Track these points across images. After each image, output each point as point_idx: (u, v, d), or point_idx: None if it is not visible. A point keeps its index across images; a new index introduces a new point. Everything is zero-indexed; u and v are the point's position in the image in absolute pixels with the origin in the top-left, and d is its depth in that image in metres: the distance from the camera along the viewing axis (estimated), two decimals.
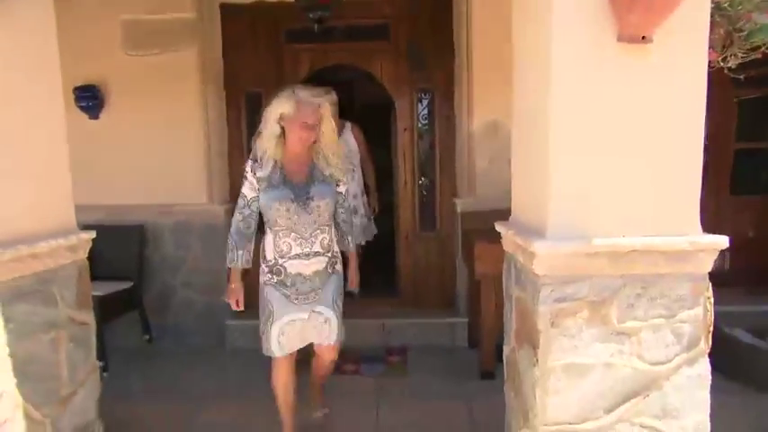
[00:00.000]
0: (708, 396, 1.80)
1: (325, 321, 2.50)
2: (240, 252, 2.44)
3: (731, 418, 2.74)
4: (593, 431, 1.82)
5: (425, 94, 4.24)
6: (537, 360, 1.83)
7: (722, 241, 1.73)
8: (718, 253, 1.74)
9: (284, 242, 2.40)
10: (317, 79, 3.89)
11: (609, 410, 1.81)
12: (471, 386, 3.33)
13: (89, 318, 2.39)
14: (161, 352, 4.03)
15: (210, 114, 4.08)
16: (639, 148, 1.75)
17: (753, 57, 1.93)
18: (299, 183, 2.41)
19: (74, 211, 2.34)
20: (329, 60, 4.13)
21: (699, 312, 1.78)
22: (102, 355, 3.54)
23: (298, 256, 2.41)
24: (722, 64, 1.96)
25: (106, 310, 3.60)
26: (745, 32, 1.84)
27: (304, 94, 2.37)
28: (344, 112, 3.91)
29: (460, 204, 4.03)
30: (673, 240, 1.73)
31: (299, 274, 2.43)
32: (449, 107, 4.18)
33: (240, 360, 3.86)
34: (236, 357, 3.94)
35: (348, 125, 4.08)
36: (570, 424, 1.82)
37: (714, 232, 1.75)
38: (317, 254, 2.43)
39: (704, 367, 1.79)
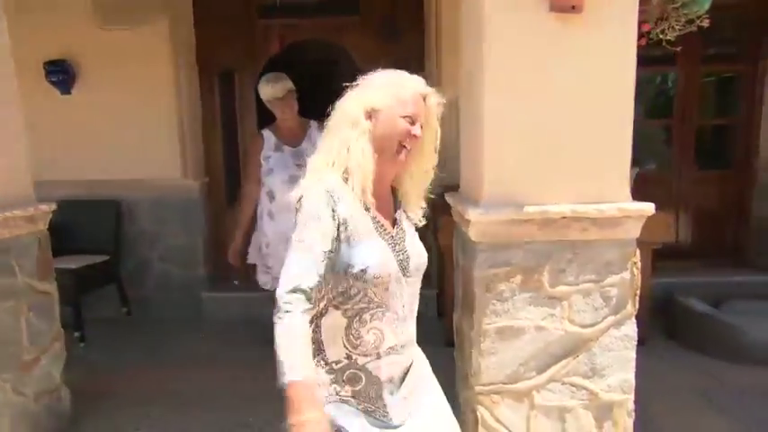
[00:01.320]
0: (633, 356, 1.88)
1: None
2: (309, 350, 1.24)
3: (678, 380, 2.86)
4: (525, 390, 1.91)
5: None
6: (473, 324, 1.91)
7: (648, 208, 1.79)
8: (645, 219, 1.81)
9: (372, 329, 1.35)
10: (287, 63, 3.88)
11: (541, 371, 1.90)
12: (436, 353, 3.37)
13: (51, 288, 2.44)
14: (139, 323, 4.12)
15: (183, 89, 4.09)
16: (571, 116, 1.80)
17: (690, 29, 1.97)
18: (394, 231, 1.41)
19: (31, 183, 2.39)
20: (300, 36, 4.13)
21: (626, 276, 1.85)
22: (78, 326, 3.65)
23: (392, 350, 1.38)
24: (661, 36, 2.00)
25: (81, 283, 3.68)
26: (678, 4, 1.88)
27: (399, 74, 1.43)
28: (308, 111, 3.22)
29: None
30: (602, 207, 1.79)
31: (390, 380, 1.39)
32: None
33: (215, 330, 3.95)
34: (212, 328, 4.02)
35: (314, 124, 3.23)
36: (504, 384, 1.91)
37: (677, 206, 1.81)
38: (412, 342, 1.47)
39: (631, 329, 1.87)
